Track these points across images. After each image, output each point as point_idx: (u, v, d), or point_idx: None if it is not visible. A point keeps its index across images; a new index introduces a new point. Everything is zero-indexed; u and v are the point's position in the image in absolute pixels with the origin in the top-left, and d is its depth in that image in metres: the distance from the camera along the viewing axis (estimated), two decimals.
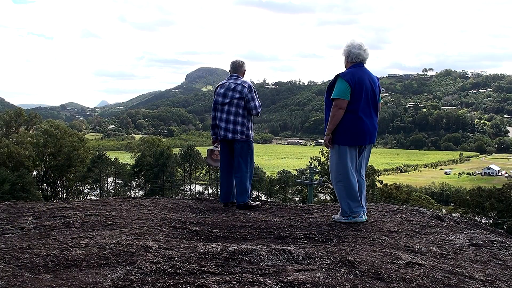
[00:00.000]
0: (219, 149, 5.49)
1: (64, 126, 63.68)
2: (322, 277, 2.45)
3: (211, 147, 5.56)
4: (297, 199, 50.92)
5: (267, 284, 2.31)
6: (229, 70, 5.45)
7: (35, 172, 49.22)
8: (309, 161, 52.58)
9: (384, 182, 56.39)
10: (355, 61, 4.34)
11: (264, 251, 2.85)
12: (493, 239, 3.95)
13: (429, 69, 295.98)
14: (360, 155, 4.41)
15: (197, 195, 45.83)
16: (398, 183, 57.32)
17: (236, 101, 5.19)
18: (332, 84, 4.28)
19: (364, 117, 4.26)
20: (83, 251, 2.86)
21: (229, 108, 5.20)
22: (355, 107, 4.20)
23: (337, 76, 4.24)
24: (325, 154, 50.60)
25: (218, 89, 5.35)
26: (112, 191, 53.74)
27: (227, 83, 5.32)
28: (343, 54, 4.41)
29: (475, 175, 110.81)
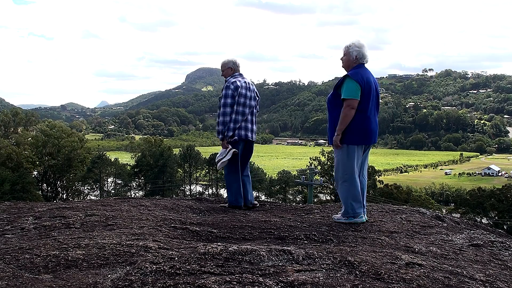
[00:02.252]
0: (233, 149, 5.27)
1: (62, 125, 63.72)
2: (322, 278, 2.46)
3: (233, 149, 5.18)
4: (298, 199, 50.91)
5: (267, 284, 2.31)
6: (233, 68, 5.27)
7: (35, 173, 49.27)
8: (309, 162, 52.63)
9: (384, 182, 56.34)
10: (362, 62, 4.35)
11: (264, 251, 2.85)
12: (493, 240, 3.96)
13: (429, 70, 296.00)
14: (363, 154, 4.45)
15: (197, 196, 45.81)
16: (398, 183, 57.23)
17: (256, 103, 5.37)
18: (340, 84, 4.27)
19: (371, 117, 4.32)
20: (83, 252, 2.86)
21: (254, 110, 5.31)
22: (364, 107, 4.23)
23: (346, 76, 4.25)
24: (325, 155, 50.64)
25: (245, 91, 5.16)
26: (112, 191, 53.76)
27: (249, 84, 5.27)
28: (351, 54, 4.33)
29: (475, 176, 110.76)
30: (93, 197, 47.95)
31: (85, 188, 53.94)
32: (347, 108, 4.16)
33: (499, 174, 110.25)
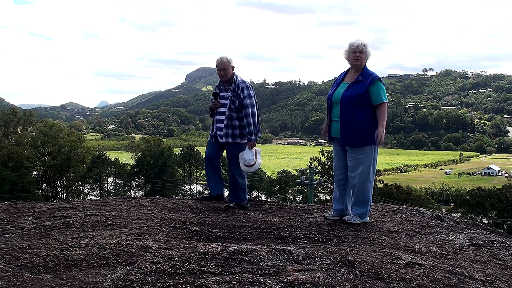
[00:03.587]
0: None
1: (59, 124, 63.65)
2: (322, 277, 2.46)
3: (259, 149, 5.23)
4: (298, 199, 50.90)
5: (267, 284, 2.31)
6: (233, 67, 5.14)
7: (35, 172, 49.27)
8: (309, 161, 52.56)
9: (384, 182, 56.37)
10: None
11: (264, 251, 2.85)
12: (493, 239, 3.96)
13: (429, 69, 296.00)
14: None
15: (197, 195, 45.78)
16: (398, 183, 57.24)
17: None
18: (370, 84, 4.23)
19: None
20: (83, 251, 2.86)
21: None
22: None
23: (379, 79, 4.28)
24: (325, 154, 50.57)
25: None
26: (112, 191, 53.74)
27: None
28: (368, 54, 4.36)
29: (475, 175, 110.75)
30: (93, 197, 47.91)
31: (85, 187, 53.89)
32: (386, 109, 4.25)
33: (499, 174, 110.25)
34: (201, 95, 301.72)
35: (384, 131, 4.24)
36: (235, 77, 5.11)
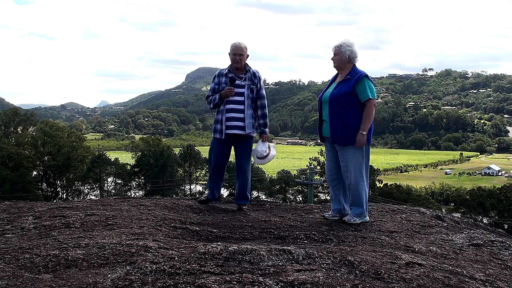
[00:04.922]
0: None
1: (60, 123, 63.63)
2: (322, 277, 2.46)
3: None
4: (298, 199, 50.89)
5: (267, 284, 2.31)
6: (248, 55, 4.84)
7: (35, 172, 49.25)
8: (309, 161, 52.56)
9: (384, 182, 56.33)
10: (354, 62, 4.36)
11: (264, 251, 2.85)
12: (493, 239, 3.96)
13: (429, 69, 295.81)
14: None
15: (197, 195, 45.75)
16: (398, 183, 57.19)
17: None
18: (357, 82, 4.22)
19: None
20: (83, 251, 2.86)
21: None
22: None
23: (365, 76, 4.25)
24: (324, 155, 50.56)
25: None
26: (112, 191, 53.72)
27: None
28: (344, 53, 4.33)
29: (475, 175, 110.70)
30: (93, 197, 47.88)
31: (85, 187, 53.86)
32: (373, 107, 4.22)
33: (499, 174, 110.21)
34: (201, 95, 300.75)
35: (365, 133, 4.16)
36: (248, 66, 4.89)
